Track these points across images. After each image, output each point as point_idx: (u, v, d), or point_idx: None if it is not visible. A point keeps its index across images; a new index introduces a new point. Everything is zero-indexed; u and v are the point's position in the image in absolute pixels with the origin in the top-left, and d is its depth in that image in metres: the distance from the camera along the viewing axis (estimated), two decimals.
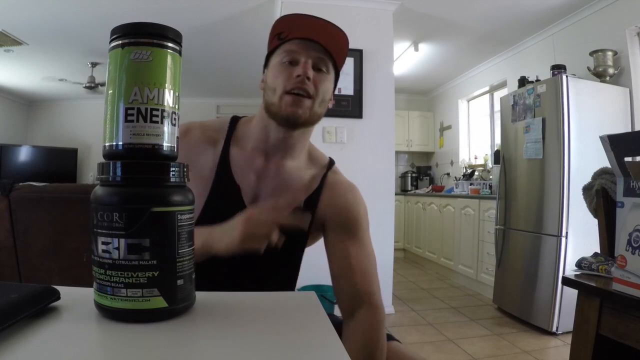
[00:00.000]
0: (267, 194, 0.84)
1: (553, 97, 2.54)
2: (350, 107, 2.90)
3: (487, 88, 4.61)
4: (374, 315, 0.83)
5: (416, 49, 3.96)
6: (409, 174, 5.72)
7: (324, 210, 0.87)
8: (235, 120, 0.93)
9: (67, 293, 0.49)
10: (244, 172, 0.86)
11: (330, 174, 0.92)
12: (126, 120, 0.45)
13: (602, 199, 1.13)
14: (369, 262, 0.88)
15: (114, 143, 0.46)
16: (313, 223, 0.86)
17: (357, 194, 0.92)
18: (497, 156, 3.32)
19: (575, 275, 1.02)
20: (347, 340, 0.81)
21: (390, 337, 0.89)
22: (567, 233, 2.44)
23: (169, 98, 0.47)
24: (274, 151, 0.87)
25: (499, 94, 4.24)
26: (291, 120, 0.81)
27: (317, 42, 0.81)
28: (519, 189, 2.85)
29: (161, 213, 0.44)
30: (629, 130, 2.66)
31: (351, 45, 0.88)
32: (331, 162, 0.94)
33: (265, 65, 0.90)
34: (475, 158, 4.83)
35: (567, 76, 2.54)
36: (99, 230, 0.44)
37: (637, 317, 0.83)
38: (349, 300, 0.86)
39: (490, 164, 4.34)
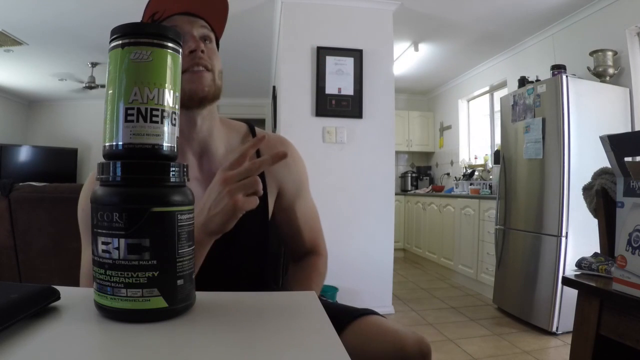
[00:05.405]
0: None
1: (553, 97, 2.53)
2: (350, 107, 2.90)
3: (487, 88, 4.61)
4: (316, 261, 0.89)
5: (416, 49, 3.96)
6: (409, 174, 5.72)
7: (271, 173, 0.82)
8: None
9: (67, 293, 0.49)
10: None
11: (258, 133, 0.87)
12: (126, 120, 0.45)
13: (602, 199, 1.12)
14: (313, 216, 0.91)
15: (114, 143, 0.46)
16: (267, 185, 0.82)
17: (295, 151, 0.89)
18: (497, 156, 3.32)
19: (575, 275, 1.02)
20: (291, 277, 0.88)
21: (372, 312, 0.82)
22: (567, 233, 2.44)
23: (169, 98, 0.47)
24: (198, 146, 0.78)
25: (499, 94, 4.24)
26: (195, 97, 0.72)
27: (199, 16, 0.76)
28: (519, 189, 2.85)
29: (161, 213, 0.44)
30: (629, 130, 2.66)
31: (351, 45, 0.87)
32: (251, 125, 0.90)
33: None
34: (475, 158, 4.83)
35: (567, 76, 2.53)
36: (99, 230, 0.44)
37: (637, 317, 0.83)
38: (296, 253, 0.92)
39: (490, 164, 4.34)
